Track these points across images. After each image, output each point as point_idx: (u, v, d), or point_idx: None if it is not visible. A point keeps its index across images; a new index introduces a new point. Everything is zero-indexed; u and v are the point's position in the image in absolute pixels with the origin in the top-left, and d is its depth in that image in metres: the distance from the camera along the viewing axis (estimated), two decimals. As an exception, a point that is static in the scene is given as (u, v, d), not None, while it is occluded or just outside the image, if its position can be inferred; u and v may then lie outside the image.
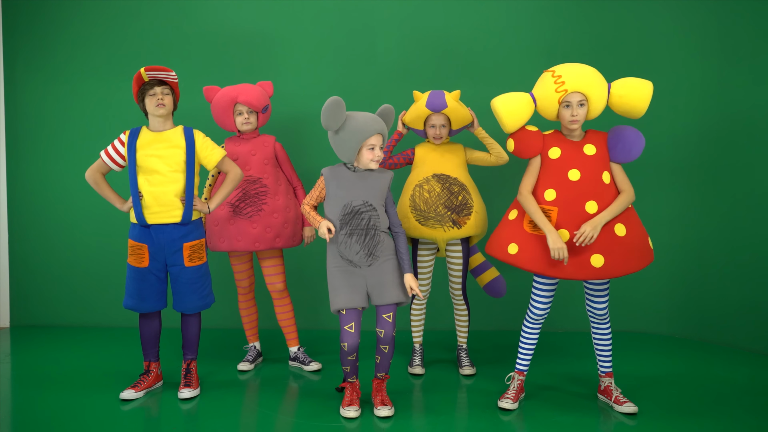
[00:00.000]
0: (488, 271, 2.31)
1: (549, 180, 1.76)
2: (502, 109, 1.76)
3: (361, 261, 1.65)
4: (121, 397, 1.90)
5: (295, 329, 2.43)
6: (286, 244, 2.21)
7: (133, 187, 1.85)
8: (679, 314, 2.93)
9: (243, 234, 2.11)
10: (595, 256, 1.65)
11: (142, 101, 1.90)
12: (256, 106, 2.20)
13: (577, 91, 1.69)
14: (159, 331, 2.03)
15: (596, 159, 1.74)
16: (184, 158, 1.91)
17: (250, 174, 2.15)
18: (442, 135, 2.13)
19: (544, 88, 1.76)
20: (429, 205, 2.00)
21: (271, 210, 2.13)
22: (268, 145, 2.27)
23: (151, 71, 1.85)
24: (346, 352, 1.67)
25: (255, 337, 2.45)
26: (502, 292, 2.32)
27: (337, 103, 1.61)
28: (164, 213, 1.86)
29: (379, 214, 1.67)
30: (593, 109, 1.75)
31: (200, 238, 1.98)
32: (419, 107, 2.07)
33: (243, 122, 2.21)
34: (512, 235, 1.76)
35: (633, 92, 1.70)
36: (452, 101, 2.04)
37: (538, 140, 1.81)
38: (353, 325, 1.66)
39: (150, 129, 1.92)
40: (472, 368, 2.26)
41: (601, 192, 1.70)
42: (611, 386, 1.87)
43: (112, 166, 1.94)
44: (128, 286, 1.92)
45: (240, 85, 2.27)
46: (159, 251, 1.89)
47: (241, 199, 2.13)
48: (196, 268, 1.94)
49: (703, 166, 2.81)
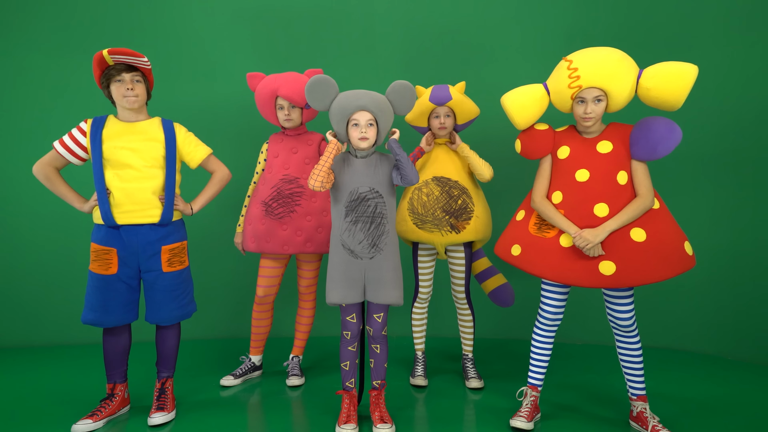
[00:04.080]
0: (494, 277, 2.13)
1: (556, 181, 1.64)
2: (512, 106, 1.65)
3: (363, 252, 1.57)
4: (73, 430, 1.61)
5: (305, 336, 2.23)
6: (318, 250, 2.03)
7: (99, 183, 1.63)
8: (722, 330, 2.51)
9: (272, 235, 1.98)
10: (604, 263, 1.48)
11: (107, 87, 1.67)
12: (298, 101, 1.98)
13: (593, 86, 1.50)
14: (128, 348, 1.79)
15: (611, 157, 1.55)
16: (163, 153, 1.70)
17: (287, 172, 2.00)
18: (446, 125, 1.98)
19: (557, 81, 1.58)
20: (427, 208, 1.93)
21: (304, 212, 1.97)
22: (313, 143, 2.08)
23: (116, 55, 1.60)
24: (348, 340, 1.67)
25: (259, 350, 2.20)
26: (508, 302, 2.10)
27: (318, 81, 1.56)
28: (138, 212, 1.65)
29: (386, 201, 1.60)
30: (614, 104, 1.55)
31: (181, 241, 1.77)
32: (422, 102, 1.98)
33: (284, 118, 2.01)
34: (516, 236, 1.68)
35: (669, 80, 1.46)
36: (457, 93, 1.94)
37: (548, 140, 1.67)
38: (354, 315, 1.66)
39: (119, 119, 1.71)
40: (479, 381, 2.07)
41: (613, 194, 1.52)
42: (646, 413, 1.63)
43: (71, 159, 1.70)
44: (90, 298, 1.66)
45: (285, 74, 2.03)
46: (131, 255, 1.67)
47: (274, 199, 1.99)
48: (176, 273, 1.72)
49: (756, 160, 2.41)
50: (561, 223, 1.56)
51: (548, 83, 1.65)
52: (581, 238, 1.48)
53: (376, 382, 1.71)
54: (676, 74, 1.45)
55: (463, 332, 2.17)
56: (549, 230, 1.61)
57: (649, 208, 1.51)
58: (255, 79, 2.07)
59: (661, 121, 1.50)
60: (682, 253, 1.49)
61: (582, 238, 1.48)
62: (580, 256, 1.51)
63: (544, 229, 1.62)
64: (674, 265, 1.46)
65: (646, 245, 1.47)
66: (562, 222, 1.55)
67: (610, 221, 1.49)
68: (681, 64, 1.46)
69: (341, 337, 1.69)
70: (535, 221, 1.66)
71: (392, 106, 1.61)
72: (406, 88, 1.61)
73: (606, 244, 1.49)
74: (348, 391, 1.70)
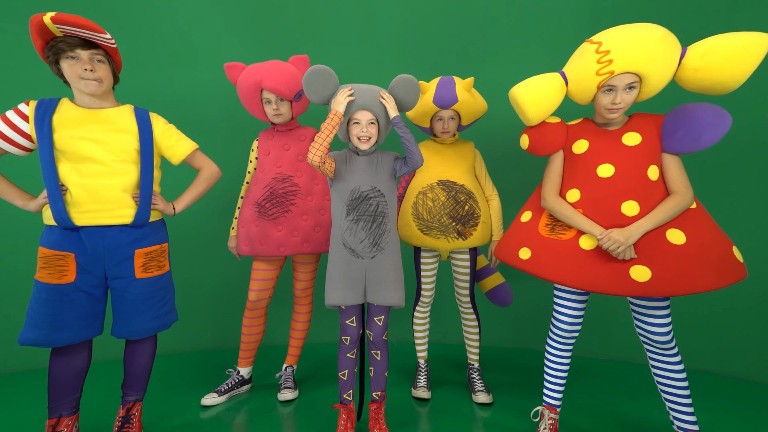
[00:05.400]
0: (492, 276, 2.03)
1: (572, 178, 1.47)
2: (524, 99, 1.47)
3: (365, 251, 1.51)
4: None
5: (300, 343, 2.09)
6: (316, 250, 1.89)
7: (49, 178, 1.39)
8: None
9: (266, 237, 1.83)
10: (637, 268, 1.29)
11: (55, 63, 1.41)
12: (285, 93, 1.79)
13: (628, 71, 1.31)
14: (84, 370, 1.51)
15: (640, 150, 1.38)
16: (137, 147, 1.49)
17: (280, 171, 1.86)
18: (450, 129, 1.86)
19: (581, 67, 1.39)
20: (432, 214, 1.81)
21: (300, 212, 1.84)
22: (306, 138, 1.92)
23: (64, 25, 1.31)
24: (347, 346, 1.60)
25: (248, 362, 2.02)
26: (507, 301, 2.02)
27: (317, 73, 1.46)
28: (105, 212, 1.44)
29: (387, 200, 1.54)
30: (648, 91, 1.37)
31: (160, 243, 1.58)
32: (425, 103, 1.82)
33: (273, 113, 1.83)
34: (524, 239, 1.53)
35: (730, 56, 1.24)
36: (464, 92, 1.78)
37: (559, 134, 1.52)
38: (354, 318, 1.59)
39: (77, 104, 1.47)
40: (487, 395, 1.92)
41: (644, 190, 1.36)
42: None
43: (8, 149, 1.43)
44: (33, 313, 1.39)
45: (267, 64, 1.81)
46: (95, 261, 1.44)
47: (267, 199, 1.83)
48: (152, 279, 1.53)
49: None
50: (581, 223, 1.39)
51: (567, 71, 1.46)
52: (610, 240, 1.31)
53: (375, 393, 1.62)
54: (742, 47, 1.23)
55: (467, 339, 2.04)
56: (564, 231, 1.44)
57: (687, 206, 1.34)
58: (234, 71, 1.86)
59: (705, 107, 1.31)
60: (732, 260, 1.29)
61: (611, 239, 1.30)
62: (606, 259, 1.33)
63: (559, 230, 1.45)
64: (724, 273, 1.26)
65: (687, 249, 1.28)
66: (583, 222, 1.39)
67: (643, 220, 1.32)
68: (747, 34, 1.23)
69: (339, 343, 1.61)
70: (547, 222, 1.50)
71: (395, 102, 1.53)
72: (410, 84, 1.52)
73: (637, 247, 1.32)
74: (345, 404, 1.62)
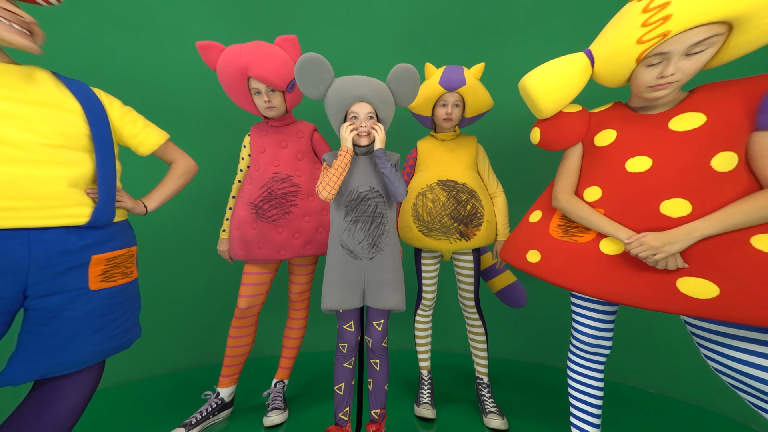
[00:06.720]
0: (502, 274, 1.92)
1: (592, 175, 1.27)
2: (536, 89, 1.29)
3: (363, 252, 1.45)
4: None
5: (293, 353, 1.92)
6: (319, 252, 1.77)
7: None
8: None
9: (265, 240, 1.69)
10: (690, 281, 1.03)
11: None
12: (277, 83, 1.57)
13: (700, 24, 1.01)
14: None
15: (699, 135, 1.10)
16: (86, 131, 1.21)
17: (278, 170, 1.71)
18: (453, 117, 1.72)
19: (617, 37, 1.15)
20: (433, 215, 1.73)
21: (301, 213, 1.71)
22: (304, 135, 1.75)
23: None
24: (344, 354, 1.52)
25: (232, 380, 1.79)
26: (521, 302, 1.89)
27: (309, 63, 1.33)
28: (36, 211, 1.12)
29: (386, 201, 1.48)
30: (743, 43, 1.03)
31: (127, 247, 1.32)
32: (431, 85, 1.71)
33: (265, 106, 1.63)
34: (533, 240, 1.40)
35: None
36: (472, 78, 1.68)
37: (578, 125, 1.31)
38: (352, 323, 1.52)
39: None
40: (500, 418, 1.72)
41: (702, 185, 1.07)
42: None
43: None
44: None
45: (250, 45, 1.53)
46: (8, 275, 1.10)
47: (265, 200, 1.69)
48: (113, 290, 1.24)
49: None
50: (602, 225, 1.18)
51: (595, 48, 1.24)
52: (641, 245, 1.07)
53: (374, 411, 1.53)
54: None
55: (474, 349, 1.87)
56: (581, 234, 1.25)
57: None
58: (211, 52, 1.55)
59: None
60: None
61: (642, 243, 1.07)
62: (640, 267, 1.11)
63: (574, 232, 1.27)
64: None
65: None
66: (604, 224, 1.18)
67: (700, 221, 1.04)
68: None
69: (336, 351, 1.53)
70: (560, 223, 1.33)
71: (393, 95, 1.43)
72: (410, 74, 1.41)
73: (697, 255, 1.05)
74: (341, 426, 1.49)
